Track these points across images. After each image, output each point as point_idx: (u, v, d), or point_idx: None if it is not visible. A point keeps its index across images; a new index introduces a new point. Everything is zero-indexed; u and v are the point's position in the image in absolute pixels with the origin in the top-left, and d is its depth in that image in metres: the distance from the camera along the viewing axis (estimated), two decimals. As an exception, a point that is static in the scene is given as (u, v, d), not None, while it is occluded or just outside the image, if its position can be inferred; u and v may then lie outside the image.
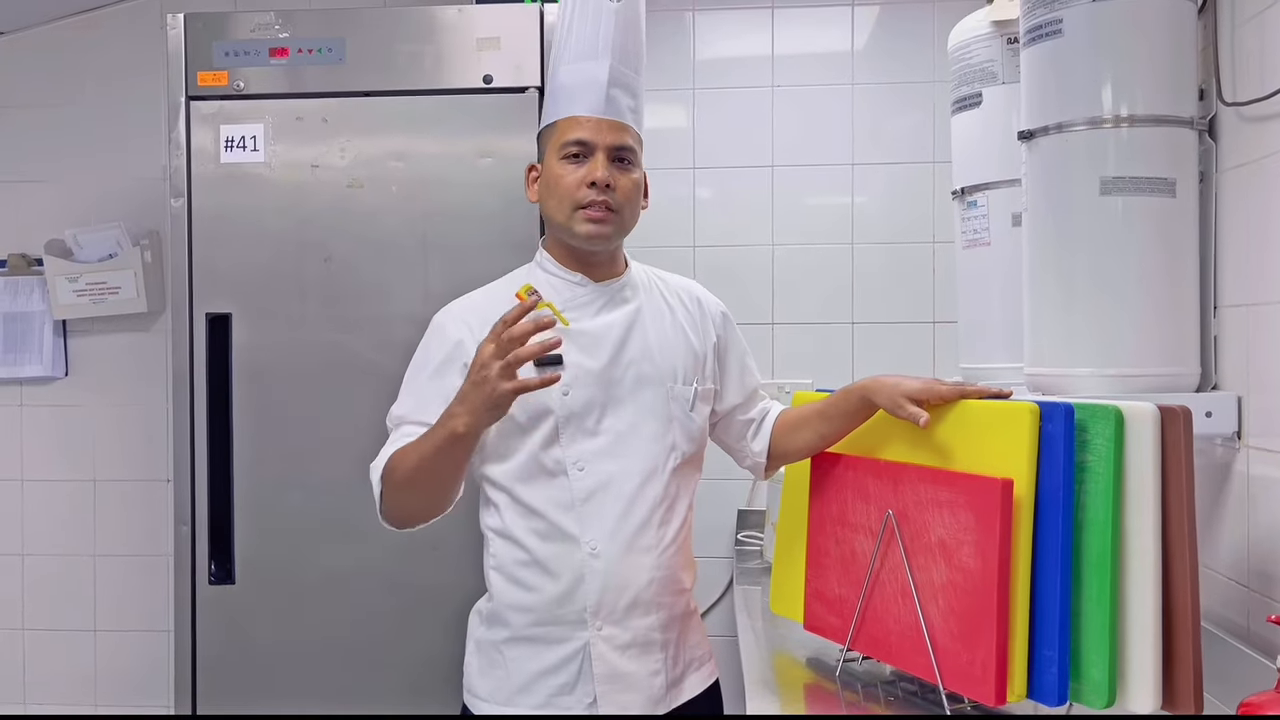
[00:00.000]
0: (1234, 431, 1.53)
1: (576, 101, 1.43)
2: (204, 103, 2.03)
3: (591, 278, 1.47)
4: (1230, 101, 1.53)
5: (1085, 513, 1.21)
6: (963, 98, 1.95)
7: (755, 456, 1.59)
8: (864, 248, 2.47)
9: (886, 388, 1.40)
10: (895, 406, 1.39)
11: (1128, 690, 1.18)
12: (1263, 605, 1.44)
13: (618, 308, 1.47)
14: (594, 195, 1.41)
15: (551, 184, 1.44)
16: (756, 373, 1.63)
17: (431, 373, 1.43)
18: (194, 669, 2.01)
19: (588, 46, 1.44)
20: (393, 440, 1.42)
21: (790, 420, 1.58)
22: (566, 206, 1.42)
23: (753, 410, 1.60)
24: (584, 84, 1.43)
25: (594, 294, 1.47)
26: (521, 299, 1.43)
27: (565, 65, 1.46)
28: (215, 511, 2.01)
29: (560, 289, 1.47)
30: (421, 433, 1.37)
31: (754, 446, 1.59)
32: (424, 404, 1.41)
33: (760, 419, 1.60)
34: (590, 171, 1.41)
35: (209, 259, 2.03)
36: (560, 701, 1.42)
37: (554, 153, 1.44)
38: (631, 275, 1.51)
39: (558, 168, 1.43)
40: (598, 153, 1.42)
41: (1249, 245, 1.51)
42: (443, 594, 1.93)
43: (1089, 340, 1.53)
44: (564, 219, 1.43)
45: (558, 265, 1.48)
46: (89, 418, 2.59)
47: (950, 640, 1.27)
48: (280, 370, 2.02)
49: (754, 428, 1.60)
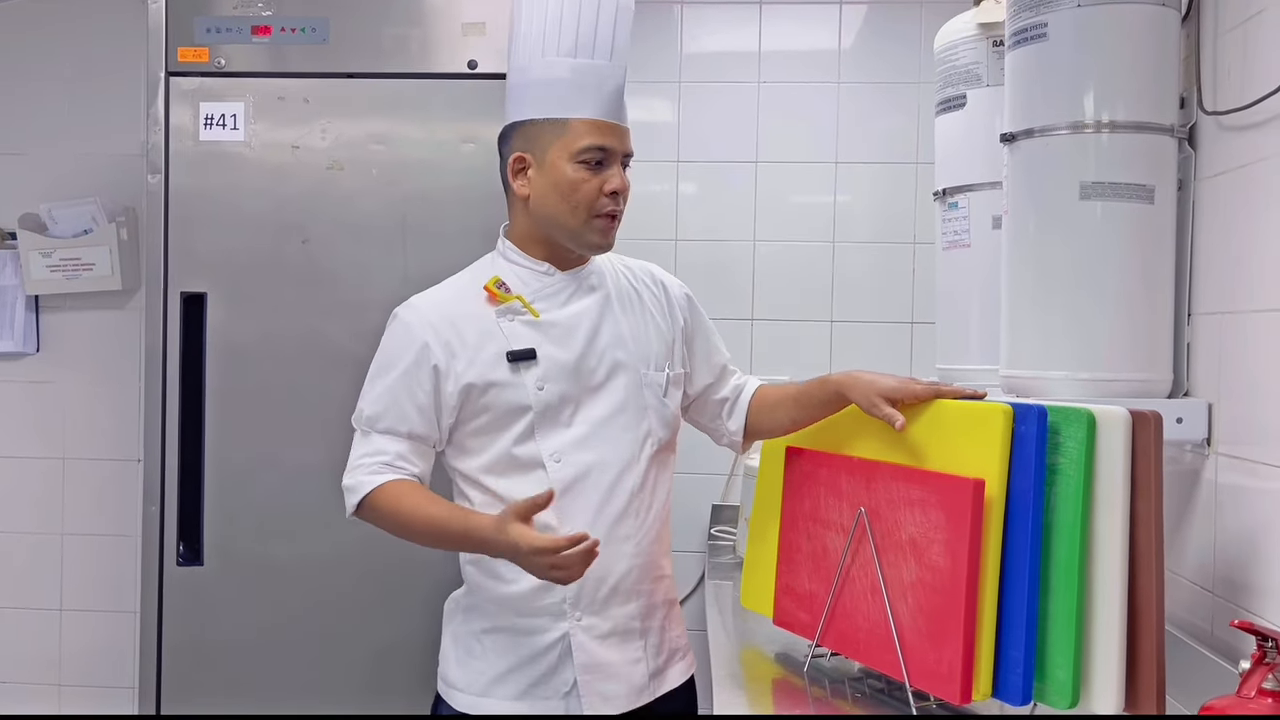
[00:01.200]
0: (1204, 438, 1.54)
1: (587, 103, 1.39)
2: (184, 79, 2.01)
3: (559, 267, 1.46)
4: (1211, 110, 1.54)
5: (1055, 515, 1.22)
6: (947, 99, 1.96)
7: (732, 435, 1.59)
8: (845, 246, 2.48)
9: (861, 384, 1.40)
10: (870, 405, 1.39)
11: (1091, 691, 1.19)
12: (1227, 611, 1.46)
13: (586, 296, 1.46)
14: (611, 205, 1.40)
15: (564, 188, 1.39)
16: (724, 349, 1.62)
17: (401, 374, 1.41)
18: (159, 650, 2.00)
19: (586, 41, 1.40)
20: (363, 453, 1.41)
21: (766, 399, 1.58)
22: (582, 213, 1.40)
23: (725, 388, 1.60)
24: (595, 85, 1.39)
25: (562, 283, 1.46)
26: (490, 291, 1.42)
27: (566, 58, 1.39)
28: (185, 493, 1.99)
29: (527, 279, 1.45)
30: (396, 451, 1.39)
31: (730, 425, 1.59)
32: (399, 411, 1.40)
33: (734, 397, 1.60)
34: (609, 180, 1.39)
35: (185, 237, 2.00)
36: (537, 691, 1.42)
37: (565, 153, 1.39)
38: (597, 262, 1.50)
39: (572, 172, 1.39)
40: (616, 161, 1.41)
41: (1224, 254, 1.52)
42: (414, 581, 1.92)
43: (1064, 344, 1.54)
44: (576, 224, 1.40)
45: (523, 255, 1.46)
46: (60, 395, 2.56)
47: (918, 638, 1.28)
48: (255, 352, 2.00)
49: (728, 406, 1.59)
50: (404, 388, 1.40)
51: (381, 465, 1.40)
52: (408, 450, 1.41)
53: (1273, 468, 1.37)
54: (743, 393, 1.60)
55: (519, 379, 1.40)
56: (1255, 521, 1.41)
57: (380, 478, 1.39)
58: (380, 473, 1.39)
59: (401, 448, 1.40)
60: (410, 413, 1.40)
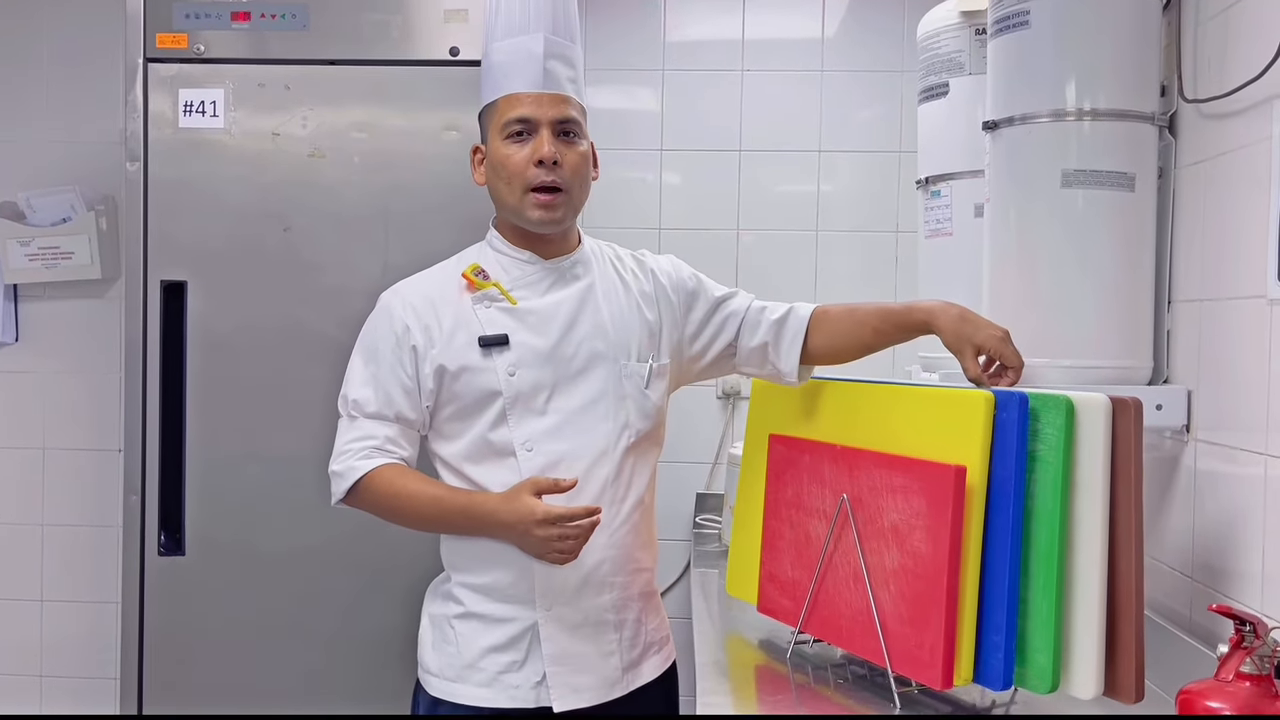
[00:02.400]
0: (1183, 425, 1.55)
1: (513, 78, 1.41)
2: (162, 65, 1.98)
3: (541, 255, 1.46)
4: (1191, 98, 1.55)
5: (1035, 501, 1.23)
6: (930, 87, 1.96)
7: (787, 376, 1.49)
8: (828, 236, 2.48)
9: (954, 323, 1.35)
10: (959, 351, 1.34)
11: (1071, 676, 1.20)
12: (1205, 596, 1.47)
13: (568, 285, 1.46)
14: (543, 174, 1.39)
15: (498, 165, 1.41)
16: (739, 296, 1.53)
17: (387, 358, 1.41)
18: (141, 641, 1.98)
19: (518, 20, 1.42)
20: (351, 438, 1.41)
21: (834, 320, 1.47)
22: (516, 188, 1.40)
23: (760, 331, 1.49)
24: (519, 60, 1.40)
25: (543, 272, 1.46)
26: (468, 278, 1.43)
27: (497, 42, 1.43)
28: (166, 482, 1.98)
29: (509, 267, 1.45)
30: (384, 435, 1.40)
31: (783, 366, 1.48)
32: (386, 395, 1.41)
33: (773, 338, 1.48)
34: (536, 149, 1.39)
35: (165, 226, 1.98)
36: (507, 679, 1.41)
37: (497, 133, 1.41)
38: (584, 251, 1.50)
39: (502, 148, 1.40)
40: (542, 129, 1.40)
41: (1204, 241, 1.53)
42: (398, 570, 1.92)
43: (1045, 331, 1.55)
44: (515, 201, 1.41)
45: (507, 244, 1.47)
46: (39, 384, 2.53)
47: (900, 624, 1.28)
48: (236, 341, 1.99)
49: (772, 350, 1.49)
50: (389, 371, 1.41)
51: (371, 449, 1.40)
52: (396, 434, 1.41)
53: (1251, 453, 1.38)
54: (786, 327, 1.48)
55: (490, 364, 1.39)
56: (1234, 507, 1.42)
57: (371, 462, 1.39)
58: (371, 457, 1.39)
59: (390, 431, 1.41)
60: (397, 396, 1.41)
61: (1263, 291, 1.34)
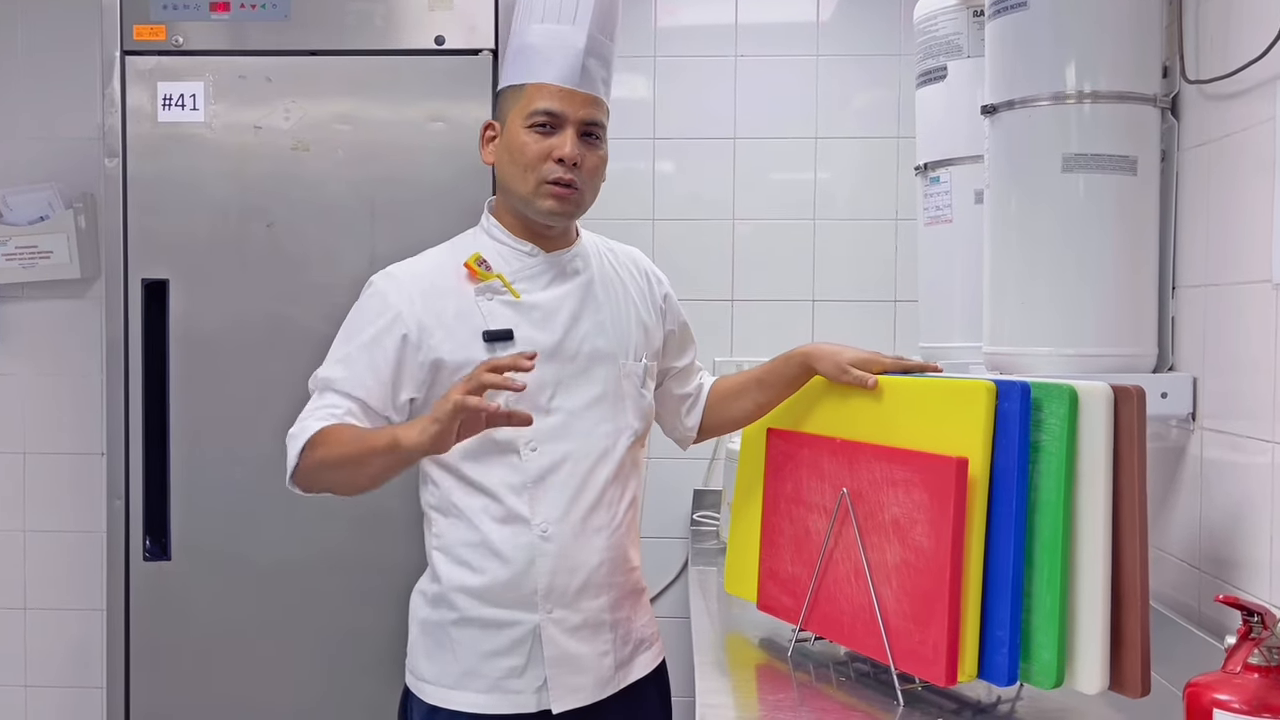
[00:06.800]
0: (1189, 413, 1.52)
1: (548, 67, 1.37)
2: (140, 58, 1.94)
3: (543, 248, 1.43)
4: (1193, 79, 1.52)
5: (1038, 493, 1.20)
6: (927, 71, 1.93)
7: (687, 431, 1.60)
8: (826, 224, 2.45)
9: (828, 354, 1.42)
10: (839, 372, 1.39)
11: (1076, 671, 1.18)
12: (1213, 587, 1.44)
13: (569, 279, 1.43)
14: (560, 172, 1.36)
15: (514, 151, 1.38)
16: (694, 348, 1.62)
17: (367, 340, 1.38)
18: (127, 647, 1.95)
19: (565, 7, 1.38)
20: (315, 406, 1.37)
21: (726, 390, 1.58)
22: (530, 179, 1.37)
23: (690, 385, 1.60)
24: (558, 49, 1.37)
25: (545, 265, 1.42)
26: (470, 268, 1.40)
27: (537, 24, 1.39)
28: (150, 486, 1.95)
29: (510, 258, 1.42)
30: (346, 408, 1.34)
31: (687, 422, 1.59)
32: (355, 375, 1.36)
33: (696, 394, 1.60)
34: (558, 146, 1.36)
35: (145, 223, 1.95)
36: (509, 684, 1.39)
37: (519, 118, 1.38)
38: (583, 245, 1.47)
39: (522, 135, 1.37)
40: (568, 127, 1.37)
41: (1209, 225, 1.50)
42: (385, 572, 1.89)
43: (1048, 319, 1.52)
44: (526, 191, 1.38)
45: (507, 233, 1.43)
46: (19, 387, 2.49)
47: (902, 620, 1.26)
48: (220, 340, 1.95)
49: (689, 403, 1.60)
50: (367, 355, 1.36)
51: (329, 415, 1.34)
52: (359, 410, 1.35)
53: (1258, 441, 1.35)
54: (703, 390, 1.61)
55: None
56: (1241, 496, 1.39)
57: (324, 422, 1.33)
58: (326, 420, 1.34)
59: (353, 406, 1.35)
60: (368, 381, 1.36)
61: (1269, 276, 1.32)
